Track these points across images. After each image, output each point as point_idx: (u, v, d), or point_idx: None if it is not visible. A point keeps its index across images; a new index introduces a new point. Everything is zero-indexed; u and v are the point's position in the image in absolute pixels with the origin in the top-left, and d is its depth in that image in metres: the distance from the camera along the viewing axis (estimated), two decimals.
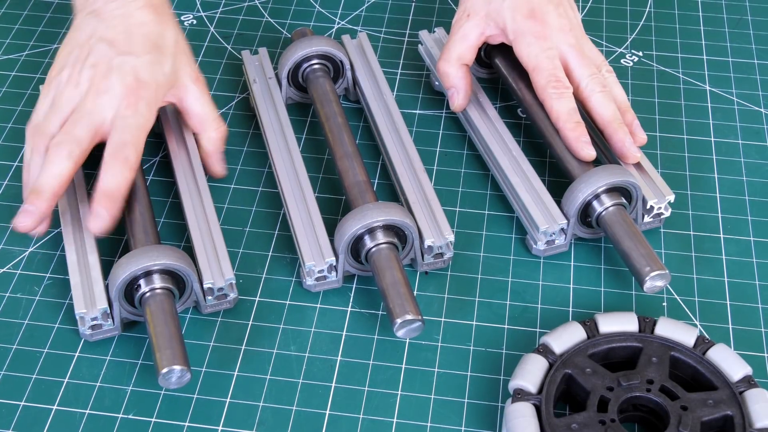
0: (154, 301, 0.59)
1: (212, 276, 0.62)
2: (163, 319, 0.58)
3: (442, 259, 0.66)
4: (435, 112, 0.78)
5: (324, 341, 0.62)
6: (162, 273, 0.60)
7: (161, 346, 0.56)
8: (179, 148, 0.70)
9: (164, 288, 0.59)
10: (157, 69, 0.66)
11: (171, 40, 0.68)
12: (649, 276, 0.61)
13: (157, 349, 0.56)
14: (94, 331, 0.61)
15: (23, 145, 0.75)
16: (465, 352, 0.62)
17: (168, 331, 0.57)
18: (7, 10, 0.88)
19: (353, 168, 0.68)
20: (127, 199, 0.64)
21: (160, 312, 0.58)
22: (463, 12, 0.74)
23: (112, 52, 0.66)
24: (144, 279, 0.59)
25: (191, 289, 0.62)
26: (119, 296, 0.60)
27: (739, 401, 0.55)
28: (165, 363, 0.55)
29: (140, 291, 0.59)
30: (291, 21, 0.87)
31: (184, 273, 0.60)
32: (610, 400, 0.55)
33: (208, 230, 0.64)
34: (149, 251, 0.60)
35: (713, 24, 0.87)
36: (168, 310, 0.58)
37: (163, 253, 0.60)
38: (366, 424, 0.58)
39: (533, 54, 0.70)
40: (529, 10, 0.70)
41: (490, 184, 0.72)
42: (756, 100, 0.79)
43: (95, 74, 0.65)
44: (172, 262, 0.60)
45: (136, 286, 0.60)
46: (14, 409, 0.58)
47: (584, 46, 0.71)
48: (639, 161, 0.69)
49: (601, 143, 0.70)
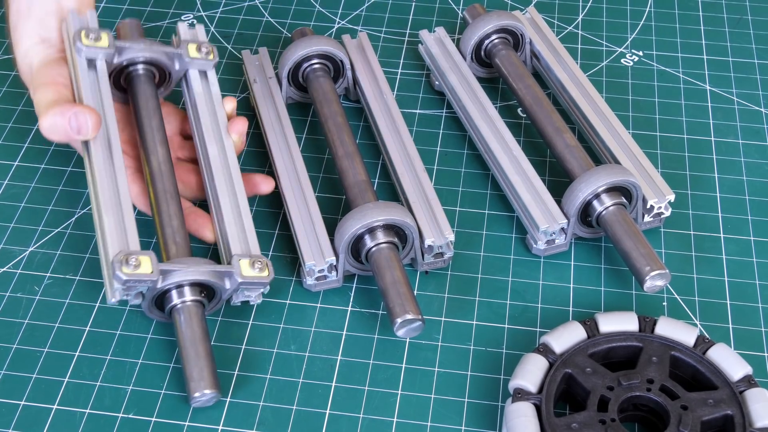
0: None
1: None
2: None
3: (443, 259, 0.66)
4: (435, 112, 0.78)
5: (324, 341, 0.62)
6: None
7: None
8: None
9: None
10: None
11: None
12: (649, 275, 0.61)
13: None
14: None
15: (24, 144, 0.75)
16: (465, 351, 0.62)
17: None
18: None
19: (353, 167, 0.68)
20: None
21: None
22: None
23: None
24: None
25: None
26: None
27: (740, 401, 0.55)
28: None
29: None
30: (291, 21, 0.87)
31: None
32: (611, 399, 0.55)
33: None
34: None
35: (713, 24, 0.87)
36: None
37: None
38: (366, 424, 0.58)
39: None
40: None
41: (491, 184, 0.72)
42: (756, 100, 0.79)
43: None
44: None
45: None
46: (14, 409, 0.58)
47: None
48: (639, 161, 0.69)
49: (600, 142, 0.70)
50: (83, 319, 0.63)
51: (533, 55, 0.79)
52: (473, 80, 0.75)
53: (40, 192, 0.71)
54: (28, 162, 0.73)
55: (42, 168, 0.73)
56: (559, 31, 0.86)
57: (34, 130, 0.76)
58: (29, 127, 0.76)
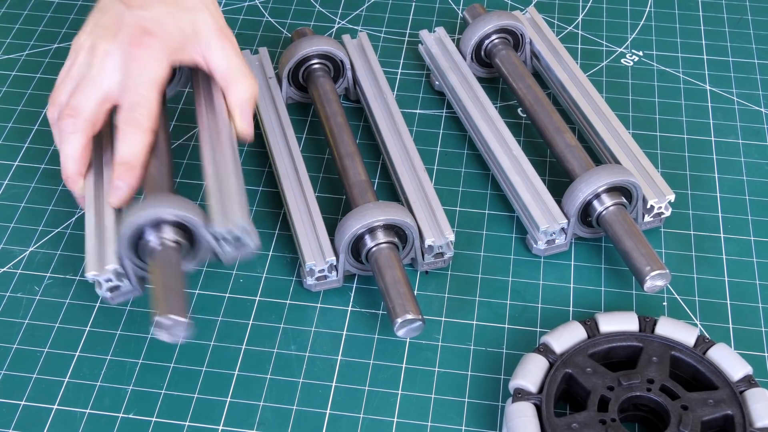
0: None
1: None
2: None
3: (443, 259, 0.66)
4: (435, 112, 0.78)
5: (324, 341, 0.62)
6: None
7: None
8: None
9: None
10: (168, 19, 0.62)
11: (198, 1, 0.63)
12: (649, 275, 0.61)
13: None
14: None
15: (24, 144, 0.75)
16: (465, 351, 0.62)
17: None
18: (7, 10, 0.88)
19: (354, 167, 0.68)
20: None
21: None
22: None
23: (124, 8, 0.62)
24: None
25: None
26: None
27: (740, 401, 0.55)
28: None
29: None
30: (291, 21, 0.87)
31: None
32: (611, 399, 0.55)
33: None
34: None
35: (713, 24, 0.87)
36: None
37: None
38: (366, 424, 0.58)
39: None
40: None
41: (491, 184, 0.72)
42: (756, 100, 0.79)
43: (105, 35, 0.62)
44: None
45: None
46: (15, 409, 0.58)
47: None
48: (639, 161, 0.69)
49: (600, 142, 0.70)
50: (83, 319, 0.63)
51: (533, 55, 0.79)
52: (473, 80, 0.75)
53: (40, 192, 0.71)
54: (29, 162, 0.73)
55: (42, 168, 0.73)
56: (559, 31, 0.86)
57: (34, 130, 0.76)
58: (29, 127, 0.76)
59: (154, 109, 0.61)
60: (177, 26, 0.62)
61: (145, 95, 0.60)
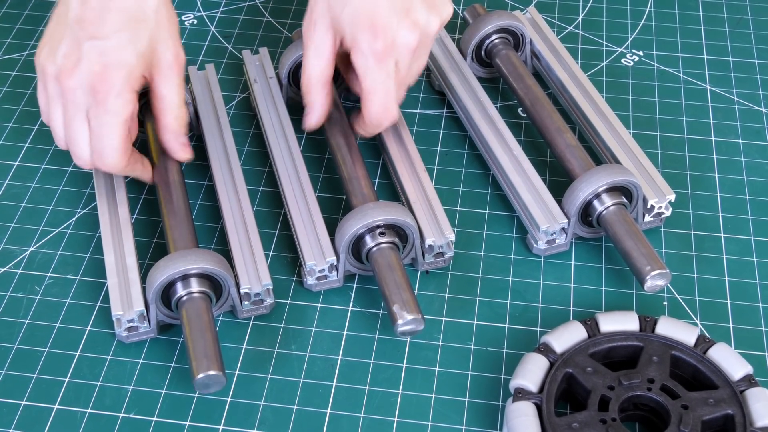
0: (192, 305, 0.58)
1: (249, 281, 0.61)
2: (199, 324, 0.57)
3: (443, 259, 0.66)
4: (435, 112, 0.78)
5: (325, 340, 0.62)
6: (200, 277, 0.59)
7: (197, 352, 0.56)
8: (216, 147, 0.70)
9: (201, 292, 0.59)
10: (128, 49, 0.61)
11: (151, 10, 0.62)
12: (649, 275, 0.61)
13: (193, 356, 0.56)
14: (130, 333, 0.61)
15: (24, 144, 0.75)
16: (466, 351, 0.62)
17: (204, 336, 0.57)
18: (7, 10, 0.88)
19: (354, 167, 0.68)
20: (166, 201, 0.64)
21: (196, 317, 0.58)
22: (310, 18, 0.67)
23: (82, 35, 0.61)
24: (181, 282, 0.59)
25: (228, 294, 0.61)
26: (156, 299, 0.60)
27: (740, 400, 0.55)
28: (201, 369, 0.55)
29: (177, 294, 0.59)
30: (291, 21, 0.87)
31: (221, 277, 0.60)
32: (611, 399, 0.55)
33: (246, 234, 0.64)
34: (188, 255, 0.59)
35: (714, 23, 0.87)
36: (204, 315, 0.58)
37: (202, 257, 0.59)
38: (367, 423, 0.58)
39: (369, 77, 0.64)
40: (370, 22, 0.63)
41: (491, 184, 0.72)
42: (756, 100, 0.79)
43: (66, 64, 0.61)
44: (210, 266, 0.59)
45: (174, 289, 0.59)
46: (15, 409, 0.58)
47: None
48: (640, 160, 0.69)
49: (600, 142, 0.70)
50: (84, 319, 0.63)
51: (533, 55, 0.79)
52: (473, 80, 0.75)
53: (40, 192, 0.71)
54: (29, 162, 0.73)
55: (42, 168, 0.73)
56: (559, 31, 0.86)
57: (35, 130, 0.76)
58: (29, 127, 0.76)
59: (121, 146, 0.62)
60: (137, 53, 0.62)
61: (111, 136, 0.62)
